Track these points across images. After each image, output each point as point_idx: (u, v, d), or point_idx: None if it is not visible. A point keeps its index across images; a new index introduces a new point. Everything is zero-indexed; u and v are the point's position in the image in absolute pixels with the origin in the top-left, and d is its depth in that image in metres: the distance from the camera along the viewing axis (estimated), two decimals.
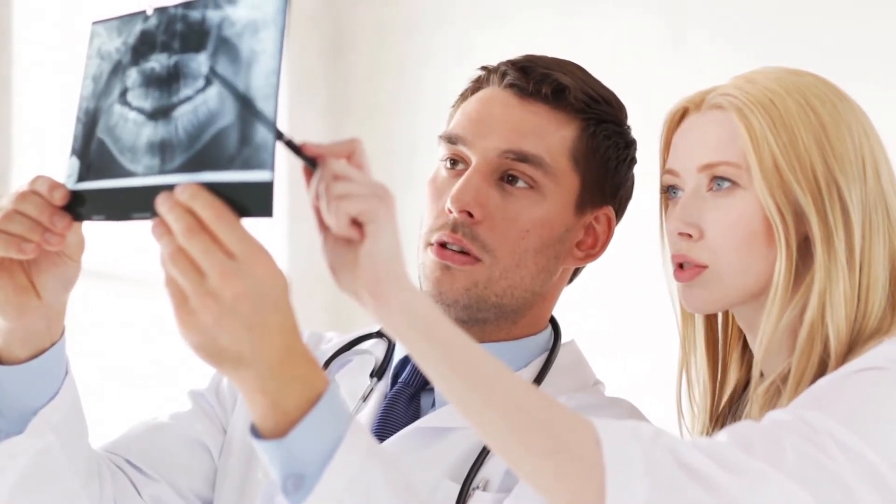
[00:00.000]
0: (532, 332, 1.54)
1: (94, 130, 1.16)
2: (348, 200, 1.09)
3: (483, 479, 1.42)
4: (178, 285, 1.06)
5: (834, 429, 1.21)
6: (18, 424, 1.30)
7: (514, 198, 1.47)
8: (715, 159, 1.41)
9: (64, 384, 1.32)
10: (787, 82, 1.41)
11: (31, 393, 1.30)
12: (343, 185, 1.10)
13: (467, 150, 1.48)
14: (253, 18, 1.08)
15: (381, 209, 1.10)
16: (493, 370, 1.12)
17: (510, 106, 1.49)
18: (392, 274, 1.10)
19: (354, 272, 1.10)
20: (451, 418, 1.46)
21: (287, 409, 1.09)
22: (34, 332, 1.28)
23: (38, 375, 1.30)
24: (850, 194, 1.37)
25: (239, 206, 1.06)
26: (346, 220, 1.10)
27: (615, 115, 1.53)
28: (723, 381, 1.52)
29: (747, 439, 1.19)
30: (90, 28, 1.20)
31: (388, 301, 1.10)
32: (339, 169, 1.11)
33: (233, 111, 1.07)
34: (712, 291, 1.42)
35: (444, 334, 1.11)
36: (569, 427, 1.13)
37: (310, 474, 1.09)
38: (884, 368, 1.28)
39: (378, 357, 1.56)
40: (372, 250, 1.09)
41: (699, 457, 1.14)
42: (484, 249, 1.46)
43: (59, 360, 1.31)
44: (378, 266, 1.09)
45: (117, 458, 1.47)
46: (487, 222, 1.46)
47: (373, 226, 1.09)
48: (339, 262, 1.12)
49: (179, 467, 1.50)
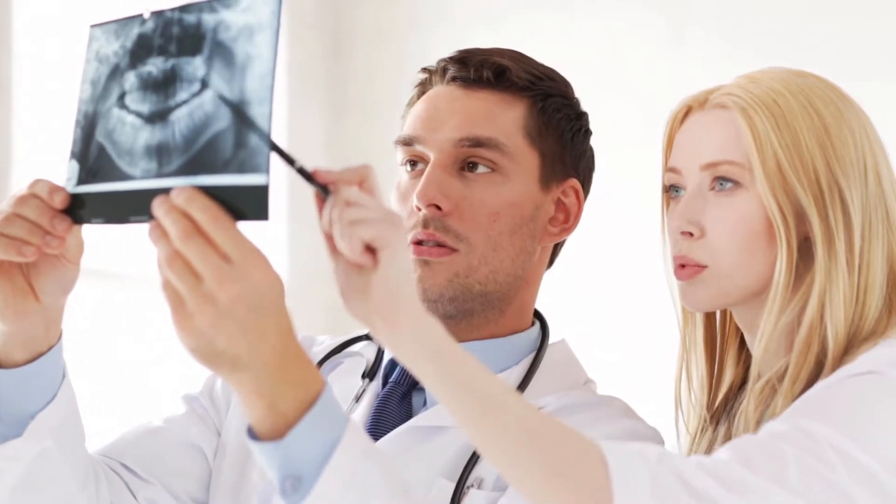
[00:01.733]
0: (520, 327, 1.54)
1: (93, 134, 1.17)
2: (361, 226, 1.10)
3: (477, 477, 1.42)
4: (174, 289, 1.06)
5: (832, 437, 1.22)
6: (16, 428, 1.30)
7: (478, 184, 1.48)
8: (718, 158, 1.42)
9: (61, 387, 1.32)
10: (790, 83, 1.42)
11: (28, 396, 1.30)
12: (356, 211, 1.10)
13: (423, 147, 1.50)
14: (248, 22, 1.08)
15: (394, 235, 1.10)
16: (502, 396, 1.13)
17: (456, 98, 1.51)
18: (404, 300, 1.10)
19: (366, 298, 1.11)
20: (444, 417, 1.46)
21: (284, 410, 1.09)
22: (32, 335, 1.28)
23: (35, 379, 1.30)
24: (851, 196, 1.38)
25: (235, 210, 1.06)
26: (360, 246, 1.10)
27: (560, 89, 1.54)
28: (719, 379, 1.53)
29: (749, 455, 1.20)
30: (88, 31, 1.21)
31: (400, 327, 1.10)
32: (352, 195, 1.11)
33: (227, 115, 1.07)
34: (712, 290, 1.42)
35: (454, 360, 1.12)
36: (576, 450, 1.14)
37: (307, 475, 1.10)
38: (879, 372, 1.29)
39: (369, 358, 1.56)
40: (385, 276, 1.10)
41: (704, 478, 1.16)
42: (458, 239, 1.46)
43: (57, 363, 1.31)
44: (390, 292, 1.10)
45: (112, 461, 1.48)
46: (456, 212, 1.47)
47: (386, 251, 1.10)
48: (351, 287, 1.12)
49: (174, 470, 1.50)
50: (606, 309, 3.65)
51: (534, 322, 1.57)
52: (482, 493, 1.41)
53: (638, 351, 3.52)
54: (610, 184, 3.66)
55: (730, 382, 1.52)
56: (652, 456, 1.15)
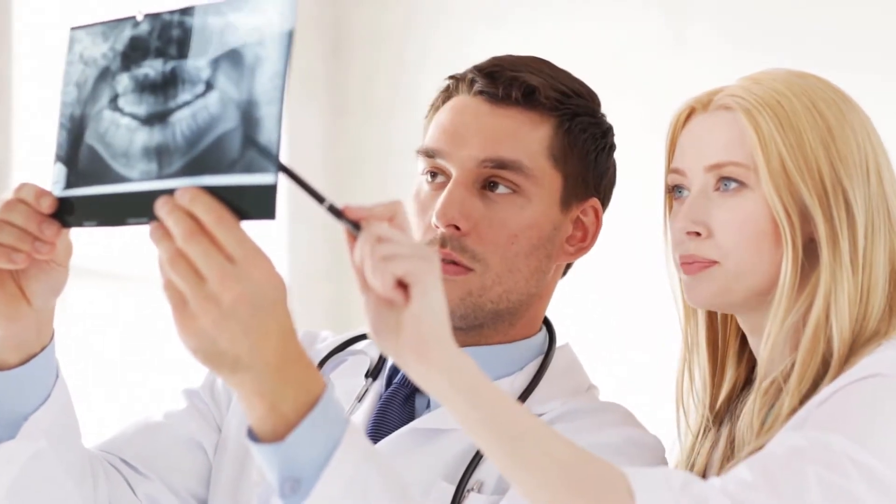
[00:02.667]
0: (528, 334, 1.54)
1: (81, 137, 1.16)
2: (393, 262, 1.09)
3: (477, 481, 1.42)
4: (177, 289, 1.06)
5: (850, 449, 1.23)
6: (10, 430, 1.30)
7: (499, 204, 1.47)
8: (723, 159, 1.42)
9: (55, 388, 1.32)
10: (792, 84, 1.43)
11: (21, 398, 1.30)
12: (388, 247, 1.10)
13: (446, 162, 1.48)
14: (257, 24, 1.07)
15: (427, 270, 1.10)
16: (533, 431, 1.14)
17: (482, 114, 1.49)
18: (437, 336, 1.10)
19: (398, 334, 1.11)
20: (446, 420, 1.46)
21: (284, 411, 1.09)
22: (24, 338, 1.28)
23: (28, 380, 1.30)
24: (854, 196, 1.39)
25: (239, 210, 1.06)
26: (392, 282, 1.10)
27: (588, 107, 1.53)
28: (720, 379, 1.53)
29: (771, 476, 1.21)
30: (69, 34, 1.19)
31: (432, 364, 1.10)
32: (383, 231, 1.11)
33: (235, 115, 1.07)
34: (718, 285, 1.43)
35: (487, 397, 1.12)
36: (605, 481, 1.15)
37: (307, 477, 1.10)
38: (885, 375, 1.30)
39: (372, 357, 1.56)
40: (417, 312, 1.10)
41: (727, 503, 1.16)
42: (475, 259, 1.46)
43: (50, 363, 1.31)
44: (423, 328, 1.10)
45: (112, 456, 1.47)
46: (475, 232, 1.46)
47: (419, 287, 1.10)
48: (382, 323, 1.12)
49: (174, 466, 1.50)
50: (607, 309, 3.64)
51: (540, 328, 1.56)
52: (482, 496, 1.41)
53: (639, 352, 3.52)
54: None
55: (731, 383, 1.52)
56: (676, 483, 1.16)
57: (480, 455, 1.43)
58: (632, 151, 3.44)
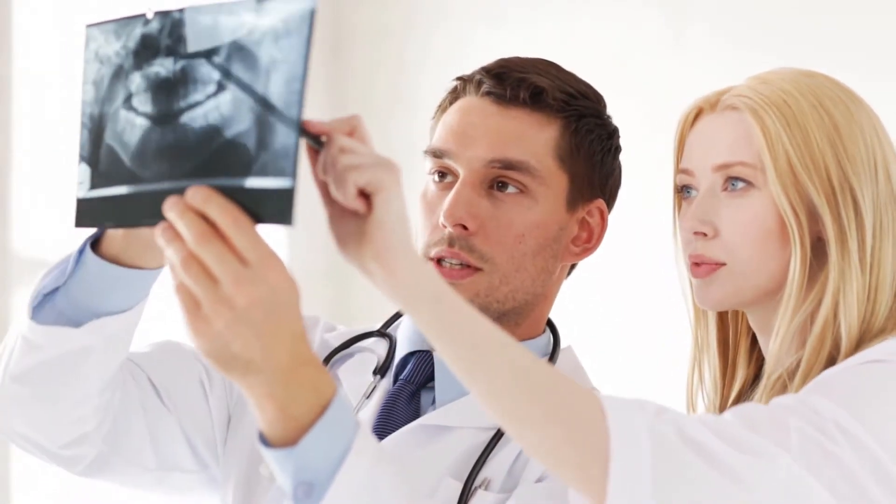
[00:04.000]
0: (532, 335, 1.54)
1: (101, 136, 1.15)
2: (356, 171, 1.10)
3: (485, 478, 1.42)
4: (189, 291, 1.06)
5: (838, 415, 1.23)
6: (75, 312, 1.29)
7: (506, 204, 1.48)
8: (730, 159, 1.43)
9: (137, 307, 1.31)
10: (799, 83, 1.43)
11: (108, 296, 1.29)
12: (350, 158, 1.10)
13: (453, 162, 1.49)
14: (273, 25, 1.06)
15: (389, 179, 1.10)
16: (498, 340, 1.13)
17: (490, 114, 1.50)
18: (399, 243, 1.10)
19: (361, 243, 1.11)
20: (452, 417, 1.46)
21: (295, 415, 1.09)
22: (153, 247, 1.26)
23: (125, 284, 1.28)
24: (862, 195, 1.40)
25: (254, 213, 1.05)
26: (354, 192, 1.10)
27: (594, 108, 1.54)
28: (731, 379, 1.54)
29: (752, 419, 1.21)
30: (85, 31, 1.19)
31: (395, 270, 1.10)
32: (345, 143, 1.11)
33: (249, 117, 1.06)
34: (728, 288, 1.43)
35: (450, 303, 1.12)
36: (574, 397, 1.14)
37: (319, 482, 1.10)
38: (885, 361, 1.31)
39: (380, 355, 1.56)
40: (380, 220, 1.10)
41: (704, 432, 1.16)
42: (482, 259, 1.47)
43: (148, 285, 1.30)
44: (386, 235, 1.10)
45: (141, 372, 1.47)
46: (482, 232, 1.47)
47: (381, 195, 1.10)
48: (346, 234, 1.12)
49: (191, 407, 1.50)
50: (609, 310, 3.64)
51: (545, 330, 1.57)
52: (490, 494, 1.41)
53: (645, 353, 3.52)
54: None
55: (741, 381, 1.53)
56: (651, 408, 1.16)
57: (488, 452, 1.43)
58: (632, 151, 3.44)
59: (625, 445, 1.12)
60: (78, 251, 1.28)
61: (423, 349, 1.52)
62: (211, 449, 1.52)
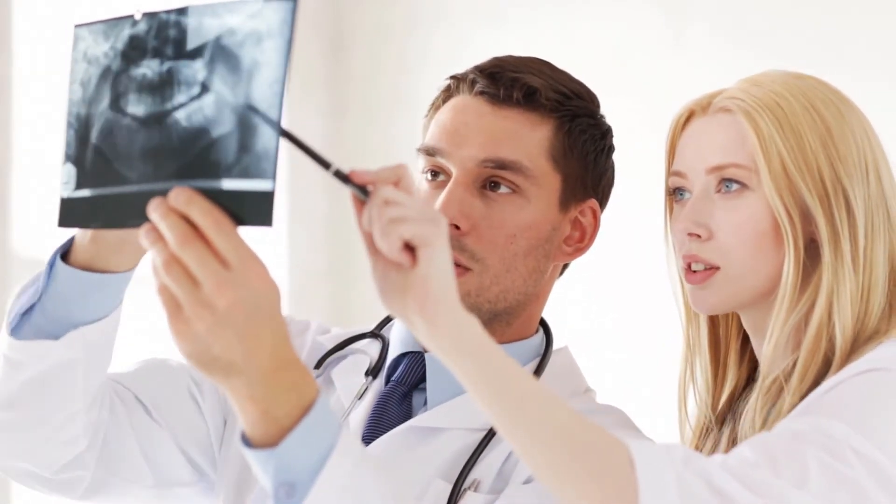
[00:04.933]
0: (524, 335, 1.54)
1: (88, 137, 1.15)
2: (401, 224, 1.10)
3: (474, 479, 1.42)
4: (171, 293, 1.06)
5: (851, 438, 1.24)
6: (55, 327, 1.29)
7: (498, 204, 1.47)
8: (724, 161, 1.43)
9: (114, 314, 1.31)
10: (791, 85, 1.43)
11: (84, 304, 1.29)
12: (395, 210, 1.10)
13: (446, 161, 1.49)
14: (255, 28, 1.07)
15: (434, 232, 1.11)
16: (538, 396, 1.14)
17: (483, 114, 1.49)
18: (444, 297, 1.11)
19: (405, 296, 1.11)
20: (443, 419, 1.46)
21: (277, 416, 1.09)
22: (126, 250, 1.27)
23: (99, 290, 1.28)
24: (854, 196, 1.40)
25: (235, 215, 1.05)
26: (399, 244, 1.10)
27: (588, 108, 1.54)
28: (723, 379, 1.53)
29: (772, 456, 1.21)
30: (73, 31, 1.19)
31: (439, 325, 1.11)
32: (390, 194, 1.11)
33: (231, 119, 1.06)
34: (724, 293, 1.44)
35: (492, 358, 1.12)
36: (605, 448, 1.15)
37: (301, 483, 1.10)
38: (886, 370, 1.31)
39: (372, 356, 1.56)
40: (425, 273, 1.10)
41: (729, 480, 1.17)
42: (473, 259, 1.46)
43: (122, 289, 1.30)
44: (430, 289, 1.10)
45: (126, 391, 1.47)
46: (474, 232, 1.46)
47: (426, 250, 1.10)
48: (390, 286, 1.12)
49: (181, 418, 1.50)
50: (606, 311, 3.64)
51: (538, 329, 1.56)
52: (479, 495, 1.41)
53: (639, 354, 3.52)
54: None
55: (733, 383, 1.53)
56: (678, 456, 1.17)
57: (477, 454, 1.43)
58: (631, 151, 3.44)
59: (653, 495, 1.13)
60: (48, 265, 1.28)
61: (416, 350, 1.52)
62: (208, 456, 1.52)
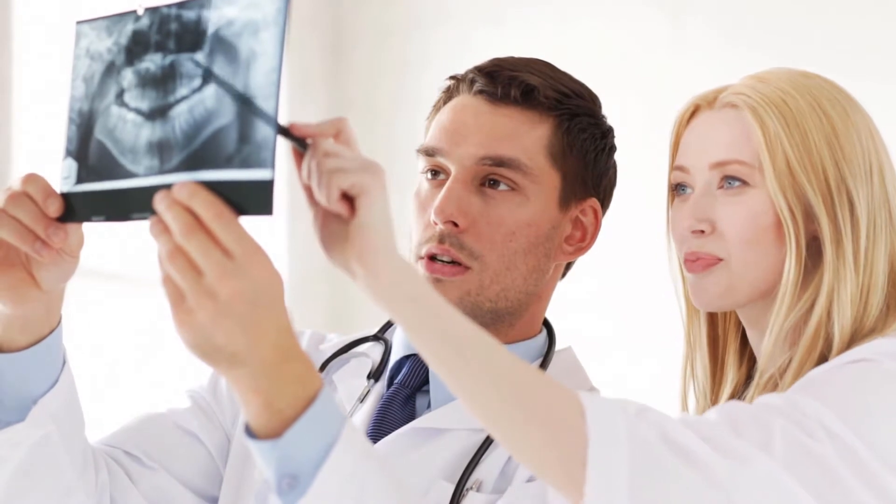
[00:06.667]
0: (527, 336, 1.54)
1: (91, 132, 1.16)
2: (339, 175, 1.11)
3: (477, 480, 1.42)
4: (175, 284, 1.06)
5: (823, 415, 1.23)
6: (18, 413, 1.30)
7: (497, 202, 1.47)
8: (727, 157, 1.43)
9: (62, 372, 1.32)
10: (797, 83, 1.43)
11: (31, 381, 1.30)
12: (334, 161, 1.11)
13: (445, 160, 1.49)
14: (252, 18, 1.08)
15: (372, 182, 1.11)
16: (481, 341, 1.14)
17: (482, 113, 1.49)
18: (382, 245, 1.11)
19: (345, 246, 1.12)
20: (446, 419, 1.46)
21: (280, 408, 1.09)
22: (33, 318, 1.28)
23: (37, 362, 1.29)
24: (858, 196, 1.40)
25: (238, 205, 1.06)
26: (337, 195, 1.11)
27: (588, 107, 1.53)
28: (721, 378, 1.54)
29: (737, 419, 1.21)
30: (75, 28, 1.20)
31: (378, 272, 1.11)
32: (329, 146, 1.12)
33: (231, 110, 1.07)
34: (723, 284, 1.43)
35: (432, 304, 1.13)
36: (555, 398, 1.14)
37: (304, 474, 1.10)
38: (871, 360, 1.31)
39: (375, 359, 1.56)
40: (363, 222, 1.11)
41: (686, 433, 1.16)
42: (472, 257, 1.46)
43: (58, 347, 1.31)
44: (369, 238, 1.11)
45: (114, 450, 1.47)
46: (473, 230, 1.46)
47: (364, 198, 1.11)
48: (330, 236, 1.14)
49: (177, 455, 1.50)
50: (607, 309, 3.64)
51: (541, 330, 1.56)
52: (481, 495, 1.41)
53: (642, 351, 3.52)
54: None
55: (733, 382, 1.53)
56: (632, 409, 1.16)
57: (480, 454, 1.43)
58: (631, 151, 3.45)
59: (603, 446, 1.12)
60: None
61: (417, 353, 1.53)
62: (214, 480, 1.52)
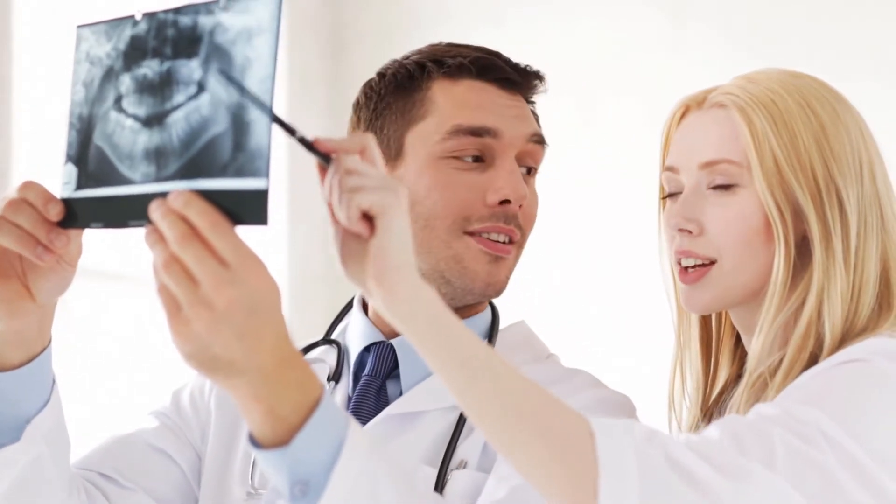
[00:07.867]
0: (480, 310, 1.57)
1: (90, 137, 1.15)
2: (360, 194, 1.11)
3: (460, 460, 1.43)
4: (171, 293, 1.06)
5: (822, 422, 1.23)
6: (11, 434, 1.30)
7: (531, 185, 1.54)
8: (716, 157, 1.43)
9: (53, 391, 1.32)
10: (787, 83, 1.43)
11: (24, 400, 1.29)
12: (355, 179, 1.11)
13: (497, 141, 1.50)
14: (246, 25, 1.07)
15: (392, 202, 1.11)
16: (493, 363, 1.14)
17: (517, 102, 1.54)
18: (401, 266, 1.11)
19: (363, 265, 1.12)
20: (418, 402, 1.47)
21: (283, 414, 1.09)
22: (27, 334, 1.27)
23: (32, 381, 1.29)
24: (847, 195, 1.39)
25: (233, 214, 1.06)
26: (357, 214, 1.11)
27: None
28: (714, 377, 1.54)
29: (738, 436, 1.21)
30: (76, 31, 1.19)
31: (395, 291, 1.11)
32: (352, 164, 1.12)
33: (226, 118, 1.07)
34: (717, 290, 1.44)
35: (448, 325, 1.13)
36: (564, 420, 1.14)
37: (315, 479, 1.10)
38: (864, 360, 1.31)
39: (331, 363, 1.57)
40: (382, 243, 1.11)
41: (691, 457, 1.16)
42: (523, 236, 1.53)
43: (49, 365, 1.31)
44: (387, 258, 1.11)
45: (89, 473, 1.47)
46: (523, 210, 1.52)
47: (383, 219, 1.11)
48: (349, 254, 1.13)
49: (152, 474, 1.50)
50: (600, 308, 3.64)
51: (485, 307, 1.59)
52: (466, 472, 1.42)
53: (638, 351, 3.52)
54: (611, 180, 3.66)
55: (725, 380, 1.53)
56: (640, 433, 1.16)
57: (457, 435, 1.44)
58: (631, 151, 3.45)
59: (613, 468, 1.13)
60: None
61: (379, 340, 1.53)
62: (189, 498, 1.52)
